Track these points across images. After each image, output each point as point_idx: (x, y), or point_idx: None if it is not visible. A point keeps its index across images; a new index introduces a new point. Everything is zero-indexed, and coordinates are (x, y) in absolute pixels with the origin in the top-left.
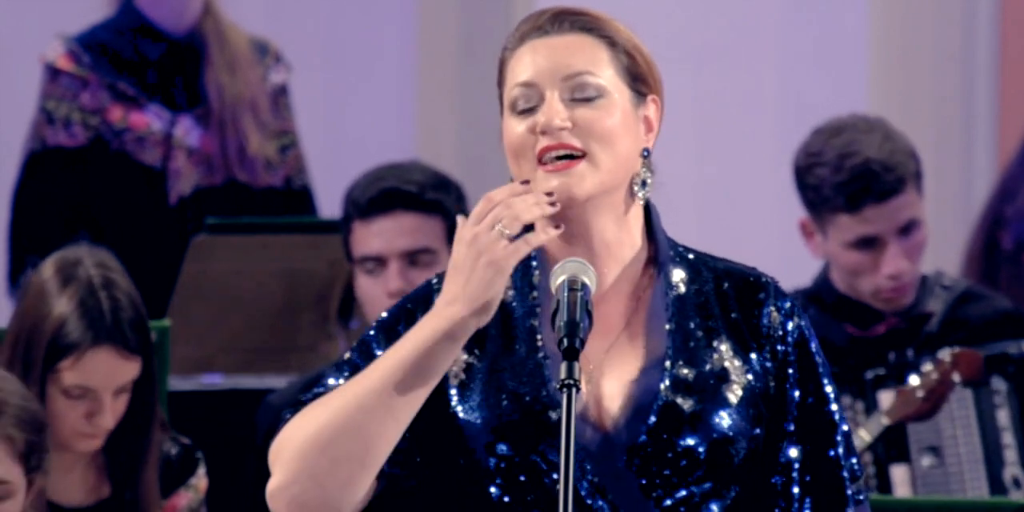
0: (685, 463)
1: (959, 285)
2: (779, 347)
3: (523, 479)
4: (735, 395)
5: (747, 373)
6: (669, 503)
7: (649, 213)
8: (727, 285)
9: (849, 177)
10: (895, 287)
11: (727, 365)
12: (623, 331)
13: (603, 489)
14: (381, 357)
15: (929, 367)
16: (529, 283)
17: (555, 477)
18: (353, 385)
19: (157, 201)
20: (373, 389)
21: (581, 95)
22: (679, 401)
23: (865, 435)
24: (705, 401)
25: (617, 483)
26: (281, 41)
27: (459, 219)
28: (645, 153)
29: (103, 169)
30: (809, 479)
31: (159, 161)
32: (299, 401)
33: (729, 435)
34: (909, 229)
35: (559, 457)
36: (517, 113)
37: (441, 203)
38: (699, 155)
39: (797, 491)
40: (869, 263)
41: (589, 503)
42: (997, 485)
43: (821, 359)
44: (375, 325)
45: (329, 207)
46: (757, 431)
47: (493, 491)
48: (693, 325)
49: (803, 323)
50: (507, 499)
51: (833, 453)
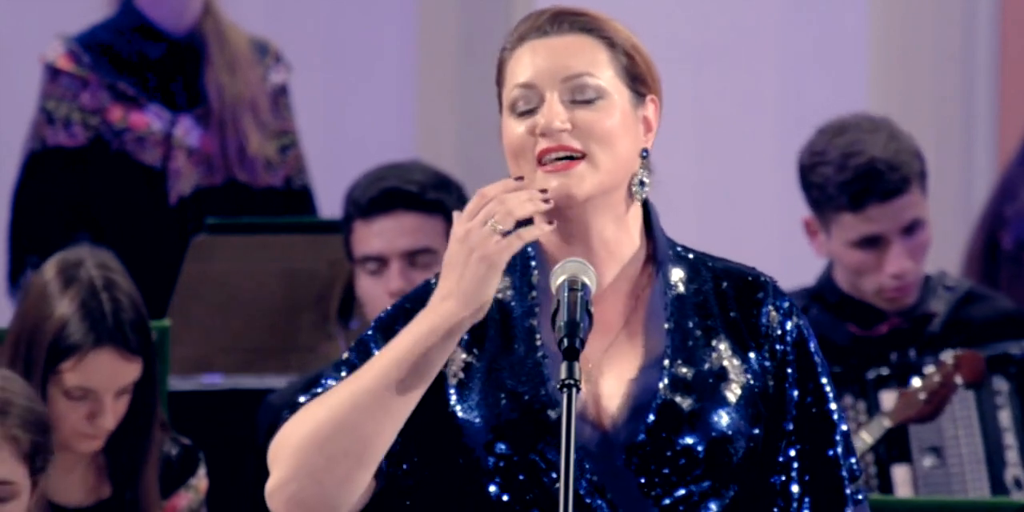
0: (684, 462)
1: (962, 286)
2: (778, 346)
3: (522, 478)
4: (734, 394)
5: (746, 372)
6: (668, 502)
7: (648, 212)
8: (726, 284)
9: (853, 176)
10: (898, 286)
11: (726, 364)
12: (622, 330)
13: (602, 488)
14: (377, 355)
15: (931, 369)
16: (528, 283)
17: (554, 476)
18: (349, 383)
19: (157, 201)
20: (369, 387)
21: (581, 96)
22: (678, 400)
23: (867, 437)
24: (704, 400)
25: (616, 482)
26: (281, 41)
27: (455, 215)
28: (644, 153)
29: (103, 169)
30: (808, 478)
31: (159, 161)
32: (298, 402)
33: (728, 434)
34: (913, 229)
35: (558, 456)
36: (517, 114)
37: (442, 203)
38: (699, 155)
39: (796, 490)
40: (873, 262)
41: (588, 502)
42: (998, 485)
43: (820, 359)
44: (373, 325)
45: (329, 207)
46: (756, 430)
47: (492, 490)
48: (692, 324)
49: (802, 322)
50: (506, 498)
51: (832, 453)
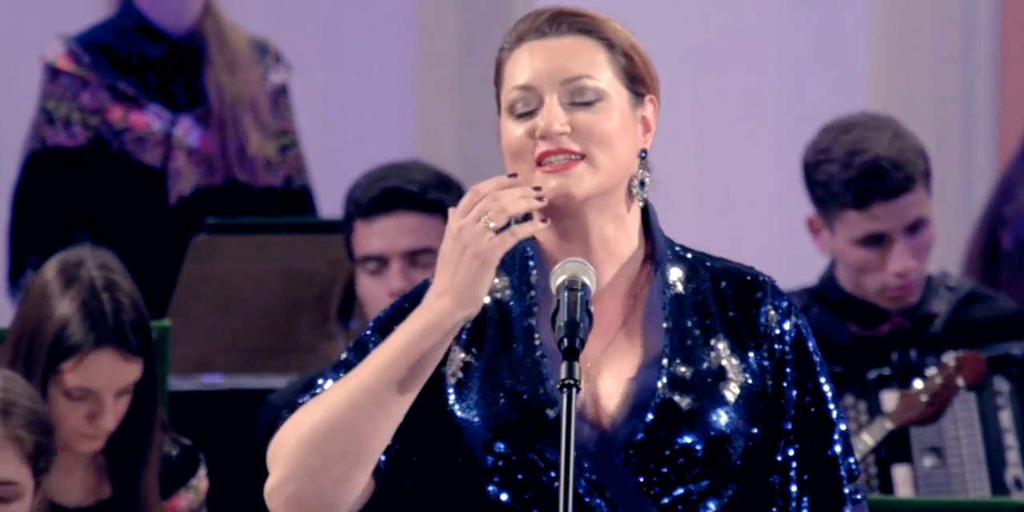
0: (682, 461)
1: (964, 286)
2: (776, 346)
3: (521, 477)
4: (732, 393)
5: (744, 372)
6: (667, 501)
7: (647, 212)
8: (724, 284)
9: (858, 174)
10: (902, 285)
11: (724, 363)
12: (620, 330)
13: (601, 487)
14: (372, 353)
15: (933, 371)
16: (526, 282)
17: (553, 475)
18: (346, 382)
19: (157, 201)
20: (365, 385)
21: (580, 99)
22: (676, 399)
23: (868, 439)
24: (703, 399)
25: (615, 481)
26: (281, 41)
27: (450, 212)
28: (643, 154)
29: (103, 169)
30: (807, 478)
31: (159, 161)
32: (297, 403)
33: (726, 433)
34: (917, 227)
35: (556, 455)
36: (515, 116)
37: (443, 203)
38: (699, 155)
39: (794, 490)
40: (876, 260)
41: (587, 501)
42: (999, 486)
43: (819, 358)
44: (371, 325)
45: (329, 207)
46: (754, 430)
47: (491, 490)
48: (690, 323)
49: (800, 322)
50: (505, 497)
51: (831, 452)
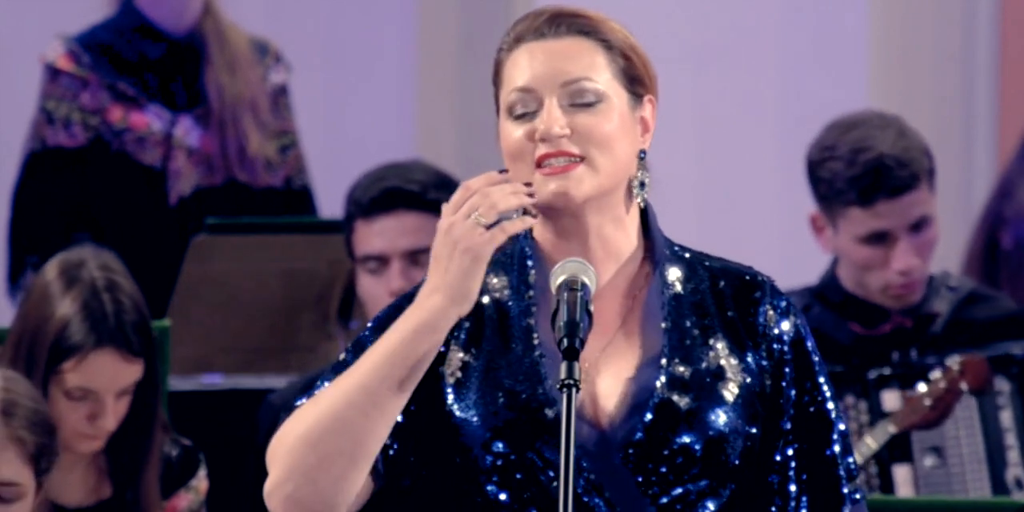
0: (681, 461)
1: (965, 286)
2: (775, 346)
3: (520, 477)
4: (731, 393)
5: (743, 371)
6: (665, 501)
7: (646, 212)
8: (723, 284)
9: (863, 171)
10: (905, 283)
11: (723, 363)
12: (619, 329)
13: (599, 486)
14: (367, 352)
15: (937, 375)
16: (525, 282)
17: (551, 475)
18: (341, 382)
19: (157, 201)
20: (360, 384)
21: (579, 101)
22: (675, 398)
23: (871, 442)
24: (701, 399)
25: (613, 480)
26: (281, 41)
27: (444, 208)
28: (641, 155)
29: (103, 169)
30: (805, 477)
31: (159, 161)
32: (295, 405)
33: (725, 433)
34: (920, 226)
35: (555, 455)
36: (514, 117)
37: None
38: (699, 155)
39: (793, 490)
40: (879, 258)
41: (586, 500)
42: (999, 486)
43: (817, 358)
44: (371, 325)
45: (329, 207)
46: (753, 430)
47: (490, 489)
48: (689, 323)
49: (799, 322)
50: (504, 497)
51: (829, 452)
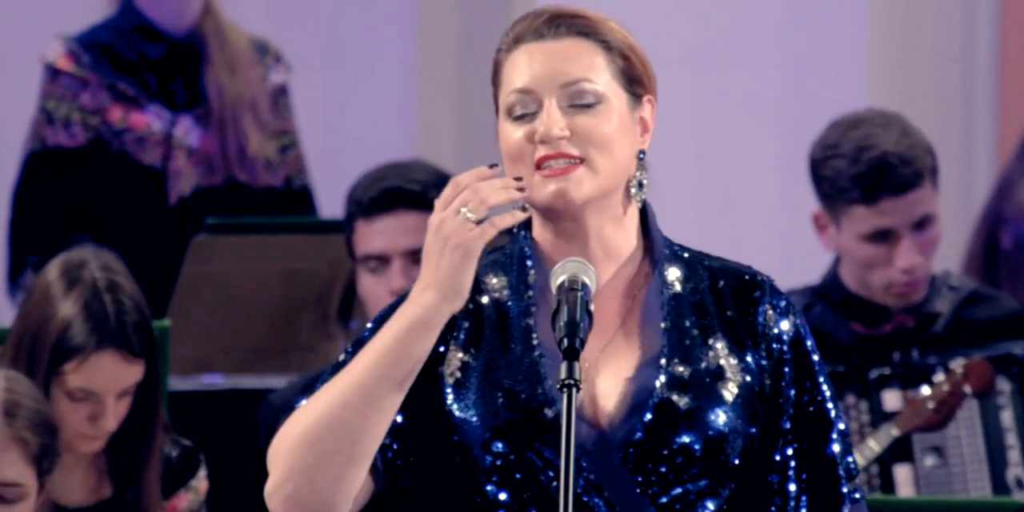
0: (681, 460)
1: (966, 286)
2: (774, 345)
3: (519, 477)
4: (731, 393)
5: (743, 371)
6: (665, 500)
7: (645, 212)
8: (723, 283)
9: (867, 169)
10: (908, 281)
11: (723, 363)
12: (619, 329)
13: (599, 486)
14: (362, 350)
15: (941, 378)
16: (524, 282)
17: (551, 475)
18: (337, 381)
19: (157, 201)
20: (355, 383)
21: (579, 102)
22: (675, 398)
23: (875, 445)
24: (701, 399)
25: (613, 480)
26: (281, 41)
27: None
28: (641, 155)
29: (103, 169)
30: (805, 477)
31: (159, 161)
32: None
33: (724, 433)
34: (924, 224)
35: (555, 455)
36: (514, 118)
37: None
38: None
39: (793, 489)
40: (883, 256)
41: (585, 500)
42: (1000, 485)
43: (817, 357)
44: (370, 324)
45: (329, 207)
46: (752, 429)
47: (489, 489)
48: (689, 323)
49: (798, 321)
50: (503, 497)
51: (829, 451)
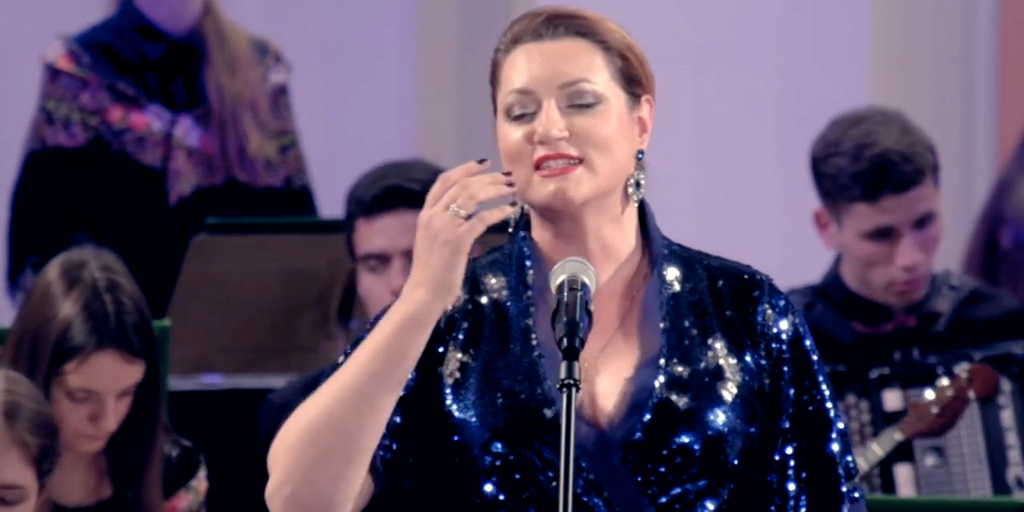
0: (680, 460)
1: (967, 285)
2: (774, 345)
3: (518, 477)
4: (730, 393)
5: (742, 371)
6: (664, 500)
7: (643, 212)
8: (722, 283)
9: (868, 166)
10: (909, 279)
11: (722, 363)
12: (618, 329)
13: (598, 486)
14: (356, 349)
15: (945, 383)
16: (523, 282)
17: (550, 475)
18: (333, 380)
19: (157, 201)
20: (350, 382)
21: (578, 102)
22: (674, 398)
23: (878, 449)
24: (700, 398)
25: (612, 480)
26: (281, 41)
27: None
28: (639, 155)
29: (103, 169)
30: (804, 476)
31: (159, 161)
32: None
33: (724, 433)
34: (925, 222)
35: (554, 455)
36: (512, 119)
37: None
38: (699, 155)
39: (792, 489)
40: (884, 254)
41: (585, 500)
42: (1000, 485)
43: (816, 357)
44: (370, 324)
45: (329, 207)
46: (752, 429)
47: (488, 489)
48: (688, 323)
49: (798, 321)
50: (502, 497)
51: (828, 451)
